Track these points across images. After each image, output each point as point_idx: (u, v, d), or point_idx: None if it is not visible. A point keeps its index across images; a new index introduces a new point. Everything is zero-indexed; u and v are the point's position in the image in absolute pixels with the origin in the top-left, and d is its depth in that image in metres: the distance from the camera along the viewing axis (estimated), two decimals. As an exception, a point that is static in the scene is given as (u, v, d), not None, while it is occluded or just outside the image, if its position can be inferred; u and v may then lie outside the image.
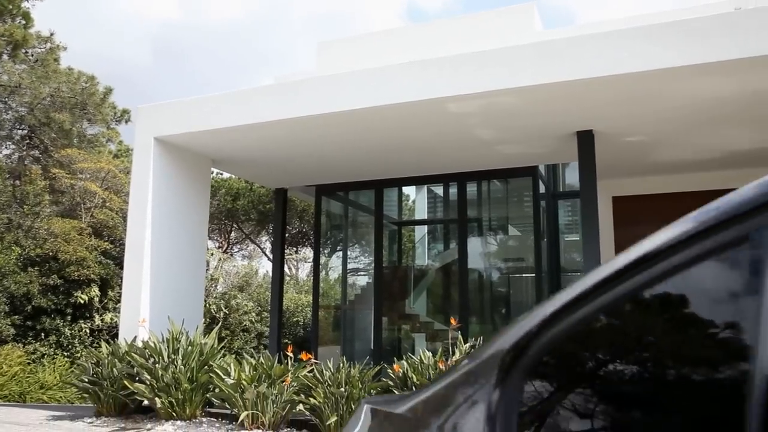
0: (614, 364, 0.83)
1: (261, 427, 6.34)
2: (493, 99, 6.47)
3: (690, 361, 0.75)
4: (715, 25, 5.64)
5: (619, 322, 0.85)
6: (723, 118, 6.81)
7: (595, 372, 0.85)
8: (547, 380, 0.88)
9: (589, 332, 0.85)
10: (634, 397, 0.78)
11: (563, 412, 0.81)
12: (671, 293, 0.80)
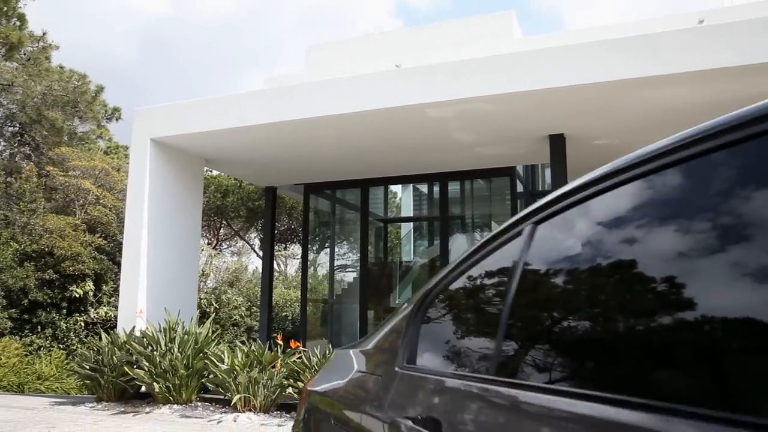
0: (463, 305, 1.42)
1: (253, 410, 6.91)
2: (469, 105, 7.05)
3: (501, 293, 1.32)
4: (674, 40, 6.26)
5: (463, 285, 1.44)
6: (687, 124, 7.42)
7: (454, 307, 1.44)
8: (433, 316, 1.48)
9: (451, 290, 1.46)
10: (473, 318, 1.36)
11: (440, 327, 1.42)
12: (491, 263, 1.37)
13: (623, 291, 0.95)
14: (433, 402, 1.22)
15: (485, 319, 1.29)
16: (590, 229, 1.09)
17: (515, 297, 1.15)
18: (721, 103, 6.61)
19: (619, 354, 0.90)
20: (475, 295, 1.39)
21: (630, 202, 1.00)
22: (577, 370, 1.00)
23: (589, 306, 1.03)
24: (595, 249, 1.04)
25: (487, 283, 1.35)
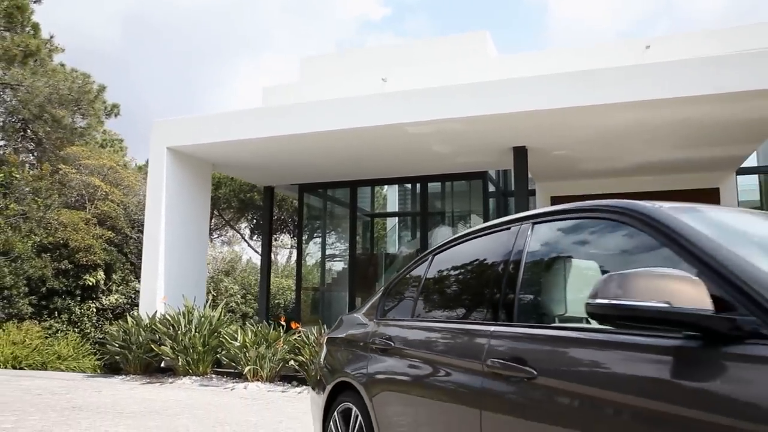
0: (404, 289, 3.02)
1: (260, 380, 8.50)
2: (444, 124, 8.62)
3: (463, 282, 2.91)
4: (612, 76, 7.86)
5: (403, 278, 3.05)
6: (630, 140, 9.03)
7: (400, 290, 3.04)
8: (392, 295, 3.08)
9: (399, 282, 3.06)
10: (408, 294, 2.96)
11: (395, 299, 3.01)
12: (455, 263, 2.96)
13: (467, 279, 2.55)
14: (390, 331, 2.81)
15: (412, 294, 2.89)
16: (457, 256, 2.70)
17: (425, 283, 2.78)
18: (651, 124, 8.26)
19: (466, 305, 2.50)
20: (409, 283, 2.98)
21: (470, 248, 2.61)
22: (450, 312, 2.59)
23: (455, 286, 2.64)
24: (458, 263, 2.66)
25: (414, 277, 2.96)
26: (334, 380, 3.08)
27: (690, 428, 1.35)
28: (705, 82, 7.32)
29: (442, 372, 2.35)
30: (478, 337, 2.17)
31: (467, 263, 2.70)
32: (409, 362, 2.57)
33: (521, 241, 2.27)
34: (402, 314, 2.92)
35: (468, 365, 2.13)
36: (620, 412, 1.54)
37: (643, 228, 1.78)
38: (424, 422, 2.39)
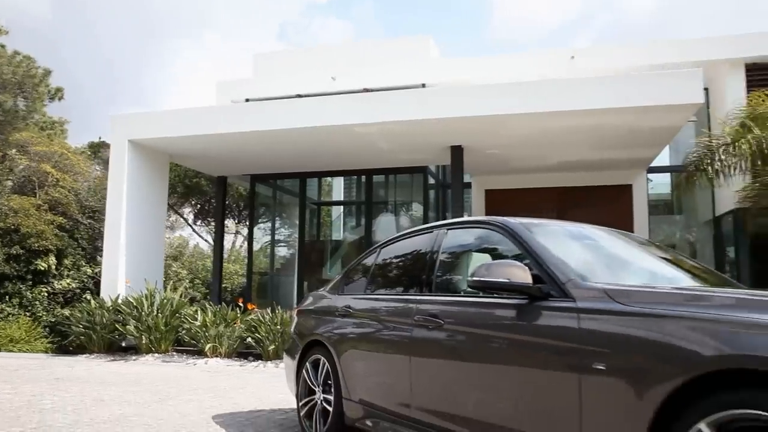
0: (359, 271, 4.20)
1: (219, 356, 9.56)
2: (389, 126, 9.81)
3: (400, 267, 4.09)
4: (537, 88, 9.21)
5: (357, 265, 4.25)
6: (555, 142, 10.44)
7: (355, 273, 4.22)
8: (350, 276, 4.27)
9: (354, 267, 4.27)
10: (361, 275, 4.16)
11: (352, 279, 4.19)
12: (395, 254, 4.15)
13: (403, 265, 3.77)
14: (349, 302, 3.99)
15: (365, 275, 4.09)
16: (397, 249, 3.92)
17: (374, 267, 3.99)
18: (572, 129, 9.70)
19: (402, 283, 3.71)
20: (362, 268, 4.17)
21: (406, 244, 3.83)
22: (392, 288, 3.79)
23: (395, 269, 3.85)
24: (397, 254, 3.88)
25: (366, 263, 4.17)
26: (307, 339, 4.26)
27: (522, 344, 2.62)
28: (617, 96, 8.78)
29: (386, 327, 3.57)
30: (410, 303, 3.40)
31: (403, 254, 3.93)
32: (364, 322, 3.78)
33: (439, 241, 3.51)
34: (358, 290, 4.13)
35: (403, 321, 3.36)
36: (489, 339, 2.80)
37: (506, 235, 3.03)
38: (373, 361, 3.61)
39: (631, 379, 2.13)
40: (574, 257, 2.90)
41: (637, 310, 2.24)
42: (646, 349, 2.13)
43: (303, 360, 4.28)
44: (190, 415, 4.91)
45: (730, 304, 2.16)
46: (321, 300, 4.52)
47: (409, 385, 3.23)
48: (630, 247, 3.53)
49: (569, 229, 3.43)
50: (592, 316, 2.36)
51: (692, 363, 1.96)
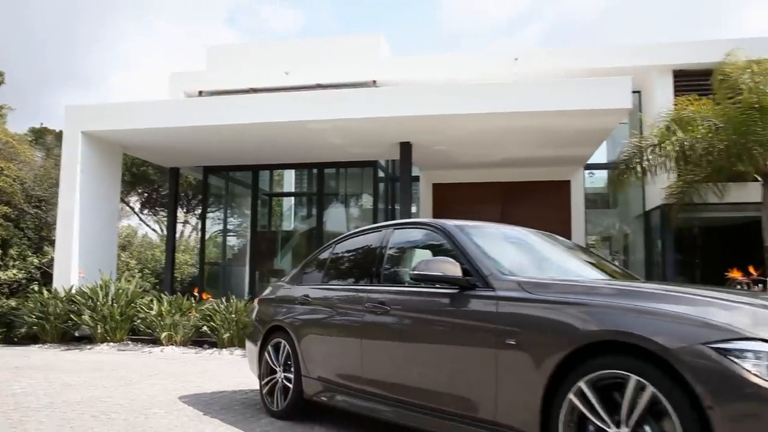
0: (315, 265, 4.76)
1: (175, 344, 9.94)
2: (341, 123, 10.34)
3: (353, 261, 4.65)
4: (486, 90, 9.89)
5: (314, 259, 4.81)
6: (498, 140, 11.17)
7: (312, 265, 4.79)
8: (307, 269, 4.84)
9: (311, 260, 4.83)
10: (317, 268, 4.72)
11: (309, 272, 4.75)
12: (349, 249, 4.71)
13: (355, 259, 4.36)
14: (307, 291, 4.54)
15: (321, 267, 4.65)
16: (349, 245, 4.51)
17: (329, 261, 4.56)
18: (514, 129, 10.44)
19: (354, 275, 4.29)
20: (319, 261, 4.73)
21: (357, 240, 4.41)
22: (345, 279, 4.37)
23: (348, 263, 4.43)
24: (350, 249, 4.46)
25: (320, 259, 4.73)
26: (268, 325, 4.80)
27: (453, 325, 3.24)
28: (554, 100, 9.55)
29: (340, 313, 4.15)
30: (361, 292, 3.99)
31: (355, 249, 4.52)
32: (321, 309, 4.35)
33: (387, 238, 4.11)
34: (315, 281, 4.69)
35: (355, 307, 3.95)
36: (427, 321, 3.42)
37: (443, 235, 3.65)
38: (330, 343, 4.19)
39: (533, 350, 2.79)
40: (498, 254, 3.54)
41: (541, 298, 2.90)
42: (544, 327, 2.79)
43: (265, 344, 4.81)
44: (157, 396, 5.38)
45: (610, 294, 2.83)
46: (280, 290, 5.07)
47: (360, 362, 3.83)
48: (550, 246, 4.21)
49: (501, 231, 4.09)
50: (507, 302, 3.01)
51: (575, 338, 2.62)
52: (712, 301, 2.58)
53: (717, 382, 2.20)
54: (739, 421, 2.17)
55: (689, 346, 2.29)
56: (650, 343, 2.38)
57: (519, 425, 2.83)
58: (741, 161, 10.43)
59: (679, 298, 2.64)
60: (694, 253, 14.17)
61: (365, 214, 14.52)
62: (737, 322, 2.33)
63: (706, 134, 10.36)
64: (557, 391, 2.65)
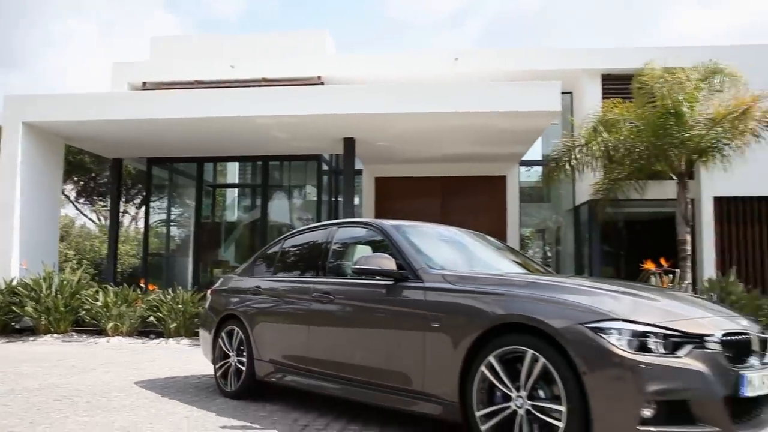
0: (267, 258, 5.27)
1: (121, 335, 10.21)
2: (286, 119, 10.77)
3: (301, 255, 5.18)
4: (425, 90, 10.51)
5: (265, 253, 5.32)
6: (438, 137, 11.81)
7: (263, 259, 5.29)
8: (259, 262, 5.34)
9: (262, 255, 5.34)
10: (268, 262, 5.24)
11: (260, 264, 5.26)
12: (297, 244, 5.23)
13: (303, 254, 4.90)
14: (259, 282, 5.05)
15: (271, 261, 5.16)
16: (298, 241, 5.04)
17: (279, 255, 5.09)
18: (453, 127, 11.11)
19: (302, 268, 4.83)
20: (269, 255, 5.24)
21: (305, 237, 4.95)
22: (294, 272, 4.90)
23: (296, 257, 4.97)
24: (298, 244, 5.00)
25: (271, 253, 5.24)
26: (222, 314, 5.28)
27: (389, 312, 3.83)
28: (489, 101, 10.26)
29: (289, 302, 4.69)
30: (308, 284, 4.54)
31: (303, 245, 5.06)
32: (271, 299, 4.87)
33: (332, 235, 4.67)
34: (266, 273, 5.20)
35: (303, 297, 4.49)
36: (366, 309, 4.00)
37: (381, 233, 4.23)
38: (280, 329, 4.71)
39: (453, 332, 3.40)
40: (430, 251, 4.15)
41: (461, 288, 3.52)
42: (462, 313, 3.41)
43: (219, 331, 5.29)
44: (113, 382, 5.78)
45: (519, 285, 3.48)
46: (232, 281, 5.56)
47: (308, 345, 4.38)
48: (479, 244, 4.86)
49: (435, 230, 4.72)
50: (433, 292, 3.62)
51: (486, 321, 3.25)
52: (594, 291, 3.26)
53: (589, 354, 2.86)
54: (604, 382, 2.83)
55: (570, 326, 2.95)
56: (542, 324, 3.03)
57: (442, 394, 3.45)
58: (659, 161, 11.44)
59: (571, 289, 3.31)
60: (619, 245, 15.31)
61: (309, 206, 14.99)
62: (608, 307, 3.01)
63: (628, 136, 11.30)
64: (472, 365, 3.28)
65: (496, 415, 3.15)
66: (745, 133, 10.65)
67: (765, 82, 11.98)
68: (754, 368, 3.05)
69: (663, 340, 2.88)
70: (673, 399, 2.81)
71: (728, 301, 9.31)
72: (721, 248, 12.79)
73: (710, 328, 3.02)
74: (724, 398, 2.86)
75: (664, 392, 2.79)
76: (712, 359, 2.90)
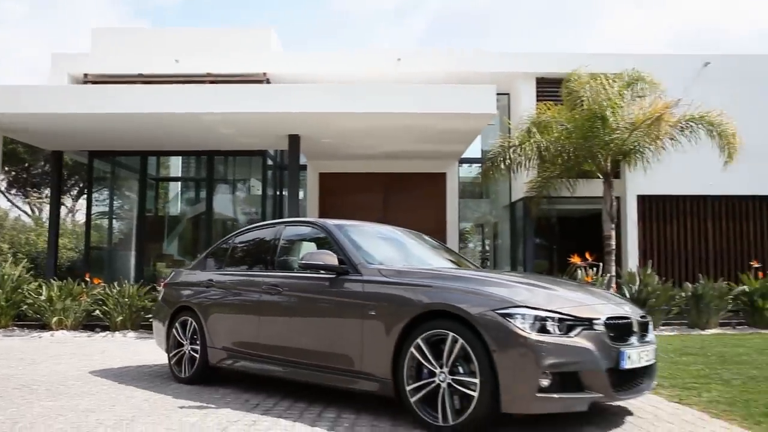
0: (220, 253, 5.73)
1: (65, 329, 10.39)
2: (232, 116, 11.13)
3: (251, 251, 5.65)
4: (367, 90, 11.04)
5: (218, 248, 5.79)
6: (380, 135, 12.36)
7: (215, 254, 5.75)
8: (210, 257, 5.80)
9: (215, 250, 5.81)
10: (220, 257, 5.70)
11: (213, 259, 5.71)
12: (248, 241, 5.71)
13: (253, 250, 5.39)
14: (211, 276, 5.50)
15: (223, 256, 5.63)
16: (247, 237, 5.53)
17: (230, 251, 5.56)
18: (394, 126, 11.70)
19: (251, 263, 5.32)
20: (221, 251, 5.70)
21: (255, 234, 5.45)
22: (243, 266, 5.38)
23: (246, 253, 5.46)
24: (248, 240, 5.49)
25: (223, 246, 5.71)
26: (175, 306, 5.70)
27: (331, 302, 4.38)
28: (428, 103, 10.87)
29: (241, 294, 5.17)
30: (258, 277, 5.04)
31: (253, 241, 5.54)
32: (224, 291, 5.34)
33: (280, 233, 5.18)
34: (218, 267, 5.66)
35: (253, 289, 4.99)
36: (311, 300, 4.54)
37: (325, 232, 4.77)
38: (232, 319, 5.19)
39: (387, 319, 3.97)
40: (369, 248, 4.70)
41: (394, 281, 4.09)
42: (395, 302, 3.98)
43: (173, 321, 5.71)
44: (68, 372, 6.12)
45: (445, 278, 4.08)
46: (184, 275, 5.99)
47: (258, 333, 4.88)
48: (415, 243, 5.45)
49: (376, 229, 5.28)
50: (370, 284, 4.18)
51: (416, 308, 3.84)
52: (505, 284, 3.90)
53: (499, 335, 3.48)
54: (510, 358, 3.45)
55: (484, 313, 3.56)
56: (461, 311, 3.63)
57: (378, 373, 4.01)
58: (587, 161, 12.36)
59: (487, 281, 3.93)
60: (552, 240, 16.28)
61: (254, 200, 15.35)
62: (515, 296, 3.64)
63: (559, 137, 12.16)
64: (403, 347, 3.86)
65: (423, 388, 3.74)
66: (660, 137, 11.66)
67: (684, 89, 13.08)
68: (633, 346, 3.75)
69: (559, 323, 3.53)
70: (565, 371, 3.46)
71: (645, 292, 10.29)
72: (643, 243, 13.87)
73: (598, 313, 3.70)
74: (607, 370, 3.54)
75: (558, 365, 3.43)
76: (598, 338, 3.57)
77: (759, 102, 13.74)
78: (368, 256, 4.49)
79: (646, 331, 4.03)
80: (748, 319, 10.79)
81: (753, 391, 4.95)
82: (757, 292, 10.50)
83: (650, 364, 3.95)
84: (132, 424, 3.92)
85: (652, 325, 4.26)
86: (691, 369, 6.18)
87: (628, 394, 3.74)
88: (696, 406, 4.47)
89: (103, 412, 4.27)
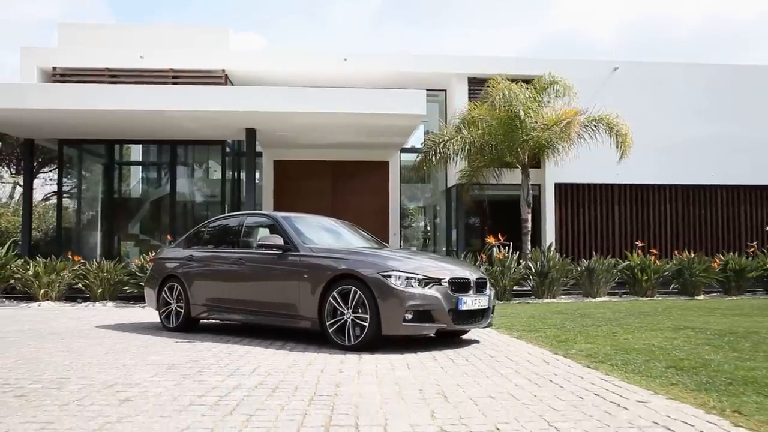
0: (200, 236, 8.09)
1: (51, 300, 12.58)
2: (194, 113, 13.35)
3: (223, 238, 8.01)
4: (317, 93, 13.40)
5: (197, 232, 8.17)
6: (330, 129, 14.73)
7: (195, 236, 8.12)
8: (191, 238, 8.17)
9: (195, 233, 8.19)
10: (199, 237, 8.07)
11: (193, 238, 8.07)
12: (219, 226, 8.08)
13: (223, 233, 7.80)
14: (192, 252, 7.86)
15: (200, 238, 7.99)
16: (221, 223, 7.94)
17: (205, 233, 7.96)
18: (341, 123, 14.08)
19: (223, 243, 7.72)
20: (200, 233, 8.06)
21: (226, 221, 7.86)
22: (217, 245, 7.77)
23: (218, 235, 7.87)
24: (221, 225, 7.91)
25: (200, 231, 8.10)
26: (164, 275, 8.05)
27: (278, 269, 6.84)
28: (367, 105, 13.30)
29: (215, 265, 7.58)
30: (227, 253, 7.48)
31: (224, 226, 7.97)
32: (202, 264, 7.73)
33: (243, 221, 7.62)
34: (197, 246, 8.03)
35: (224, 262, 7.43)
36: (265, 268, 7.00)
37: (275, 221, 7.21)
38: (209, 283, 7.59)
39: (315, 280, 6.44)
40: (307, 233, 7.13)
41: (321, 255, 6.57)
42: (320, 269, 6.45)
43: (162, 287, 8.07)
44: (78, 327, 8.41)
45: (356, 254, 6.58)
46: (170, 252, 8.36)
47: (228, 292, 7.30)
48: (345, 230, 7.91)
49: (316, 220, 7.74)
50: (304, 257, 6.64)
51: (333, 273, 6.32)
52: (391, 257, 6.41)
53: (381, 289, 5.96)
54: (388, 302, 5.93)
55: (373, 274, 6.04)
56: (359, 274, 6.11)
57: (310, 315, 6.46)
58: (508, 154, 15.00)
59: (382, 256, 6.42)
60: (482, 222, 18.99)
61: (214, 185, 17.60)
62: (394, 264, 6.14)
63: (484, 133, 14.74)
64: (324, 297, 6.32)
65: (337, 323, 6.21)
66: (571, 137, 14.34)
67: (595, 90, 15.82)
68: (468, 295, 6.29)
69: (419, 281, 6.04)
70: (421, 309, 5.98)
71: (547, 267, 12.98)
72: (559, 225, 16.64)
73: (445, 275, 6.22)
74: (449, 310, 6.07)
75: (417, 306, 5.95)
76: (444, 290, 6.10)
77: (663, 103, 16.58)
78: (305, 239, 6.93)
79: (484, 287, 6.59)
80: (631, 289, 13.62)
81: (575, 333, 7.53)
82: (638, 266, 13.31)
83: (484, 308, 6.50)
84: (148, 348, 6.31)
85: (489, 284, 6.83)
86: (548, 321, 8.80)
87: (463, 326, 6.30)
88: (525, 339, 7.04)
89: (125, 343, 6.64)
